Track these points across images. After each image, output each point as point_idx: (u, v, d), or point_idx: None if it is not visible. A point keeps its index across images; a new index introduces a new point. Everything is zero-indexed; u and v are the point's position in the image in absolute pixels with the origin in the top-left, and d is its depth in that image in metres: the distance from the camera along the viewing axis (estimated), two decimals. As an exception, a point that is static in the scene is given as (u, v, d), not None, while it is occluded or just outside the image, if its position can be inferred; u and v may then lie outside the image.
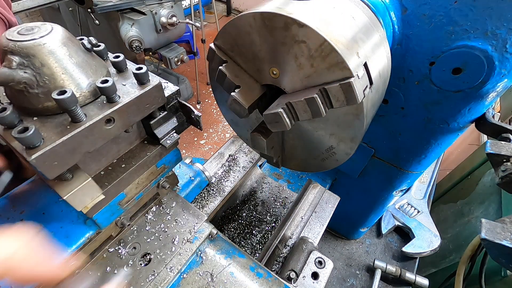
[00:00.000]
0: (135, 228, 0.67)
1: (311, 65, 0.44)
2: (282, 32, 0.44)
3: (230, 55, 0.54)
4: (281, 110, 0.46)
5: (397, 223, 1.57)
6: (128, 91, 0.64)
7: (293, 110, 0.47)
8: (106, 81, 0.58)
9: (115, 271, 0.60)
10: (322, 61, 0.43)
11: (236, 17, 0.48)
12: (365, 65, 0.45)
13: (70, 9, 2.22)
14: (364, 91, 0.44)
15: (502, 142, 0.66)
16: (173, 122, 0.62)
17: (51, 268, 0.40)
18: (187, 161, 1.06)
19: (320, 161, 0.59)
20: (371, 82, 0.46)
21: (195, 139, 3.41)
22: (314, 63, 0.44)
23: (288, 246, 0.84)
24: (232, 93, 0.52)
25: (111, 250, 0.64)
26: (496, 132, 0.70)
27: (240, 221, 1.03)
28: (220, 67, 0.53)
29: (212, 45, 0.54)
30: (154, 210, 0.71)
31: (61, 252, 0.49)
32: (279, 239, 0.85)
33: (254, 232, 1.00)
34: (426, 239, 1.49)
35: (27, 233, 0.39)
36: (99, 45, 0.70)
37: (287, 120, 0.47)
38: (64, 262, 0.49)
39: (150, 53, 2.21)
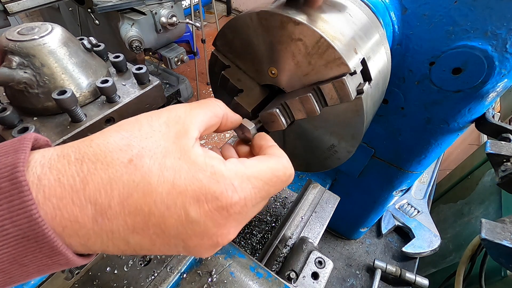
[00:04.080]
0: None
1: (308, 63, 0.44)
2: (279, 31, 0.44)
3: (231, 58, 0.54)
4: (276, 109, 0.46)
5: (397, 223, 1.57)
6: (128, 91, 0.64)
7: (288, 109, 0.47)
8: (106, 81, 0.58)
9: (115, 271, 0.60)
10: (319, 58, 0.43)
11: (233, 19, 0.48)
12: (363, 61, 0.45)
13: (70, 9, 2.23)
14: (358, 88, 0.44)
15: (502, 142, 0.66)
16: (173, 122, 0.62)
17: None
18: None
19: (322, 160, 0.59)
20: (370, 78, 0.46)
21: (195, 139, 3.41)
22: (312, 61, 0.44)
23: (288, 246, 0.84)
24: (235, 98, 0.52)
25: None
26: (496, 132, 0.70)
27: (240, 221, 1.03)
28: (222, 72, 0.53)
29: (214, 51, 0.54)
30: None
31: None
32: (279, 239, 0.85)
33: (254, 232, 1.00)
34: (426, 239, 1.49)
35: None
36: (99, 45, 0.70)
37: (283, 119, 0.47)
38: None
39: (150, 53, 2.21)
